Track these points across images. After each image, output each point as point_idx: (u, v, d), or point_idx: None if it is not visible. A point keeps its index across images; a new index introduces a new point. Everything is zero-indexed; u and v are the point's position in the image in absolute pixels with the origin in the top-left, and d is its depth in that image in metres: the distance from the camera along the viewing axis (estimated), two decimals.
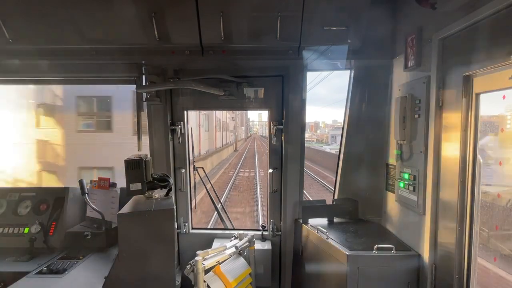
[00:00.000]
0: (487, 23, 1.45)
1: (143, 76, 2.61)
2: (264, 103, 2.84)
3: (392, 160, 2.36)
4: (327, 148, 33.61)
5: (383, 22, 2.37)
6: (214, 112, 22.44)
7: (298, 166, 2.79)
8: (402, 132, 2.11)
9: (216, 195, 3.94)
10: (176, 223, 2.89)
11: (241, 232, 2.68)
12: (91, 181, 2.71)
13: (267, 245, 2.85)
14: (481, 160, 1.62)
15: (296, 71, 2.65)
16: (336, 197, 2.94)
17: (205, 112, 19.47)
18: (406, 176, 2.15)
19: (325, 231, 2.35)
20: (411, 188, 2.08)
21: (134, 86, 2.64)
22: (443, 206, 1.81)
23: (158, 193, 2.18)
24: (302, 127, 2.75)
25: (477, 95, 1.60)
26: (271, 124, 2.83)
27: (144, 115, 2.78)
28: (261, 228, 3.00)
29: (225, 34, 2.18)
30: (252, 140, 65.66)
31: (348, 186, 2.86)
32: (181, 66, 2.71)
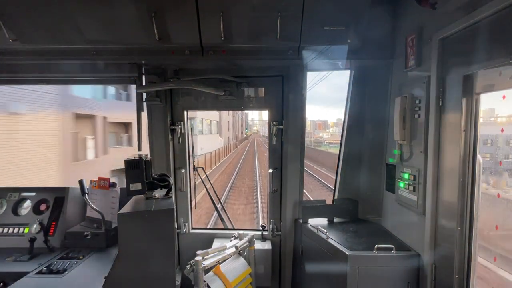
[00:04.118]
0: (487, 23, 1.45)
1: (143, 76, 2.61)
2: (264, 103, 2.84)
3: (392, 160, 2.36)
4: None
5: (383, 22, 2.37)
6: None
7: (298, 166, 2.79)
8: (402, 132, 2.11)
9: (216, 195, 3.94)
10: (176, 223, 2.89)
11: (241, 232, 2.68)
12: (91, 181, 2.71)
13: (267, 245, 2.85)
14: (481, 160, 1.62)
15: (296, 71, 2.65)
16: (336, 197, 2.94)
17: None
18: (406, 176, 2.15)
19: (325, 231, 2.36)
20: (411, 188, 2.08)
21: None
22: (443, 206, 1.81)
23: (158, 193, 2.18)
24: (302, 127, 2.75)
25: (477, 95, 1.60)
26: (271, 124, 2.83)
27: (144, 115, 2.78)
28: (261, 228, 3.00)
29: (225, 34, 2.18)
30: (251, 146, 43.35)
31: (348, 186, 2.86)
32: (181, 66, 2.71)
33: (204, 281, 2.22)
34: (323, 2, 2.05)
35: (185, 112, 2.91)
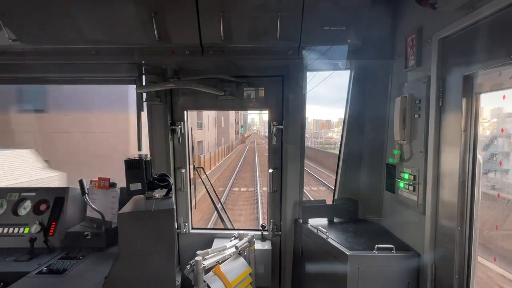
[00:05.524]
0: (487, 23, 1.45)
1: (143, 76, 2.61)
2: (264, 103, 2.84)
3: (392, 160, 2.37)
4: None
5: (383, 22, 2.37)
6: None
7: (298, 166, 2.79)
8: (402, 132, 2.12)
9: (216, 194, 3.94)
10: (176, 223, 2.89)
11: (241, 232, 2.68)
12: (91, 181, 2.71)
13: (267, 245, 2.85)
14: (481, 160, 1.62)
15: (296, 71, 2.65)
16: (336, 197, 2.94)
17: None
18: (406, 176, 2.15)
19: (325, 231, 2.36)
20: (411, 188, 2.08)
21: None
22: (443, 206, 1.81)
23: (158, 193, 2.18)
24: (302, 127, 2.75)
25: (477, 95, 1.60)
26: (271, 124, 2.83)
27: (144, 115, 2.78)
28: (261, 228, 3.00)
29: (225, 34, 2.18)
30: (246, 163, 22.33)
31: (348, 186, 2.86)
32: (181, 66, 2.71)
33: (204, 281, 2.22)
34: (323, 2, 2.05)
35: (185, 112, 2.91)
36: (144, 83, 2.61)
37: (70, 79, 3.01)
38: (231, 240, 2.61)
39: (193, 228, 3.11)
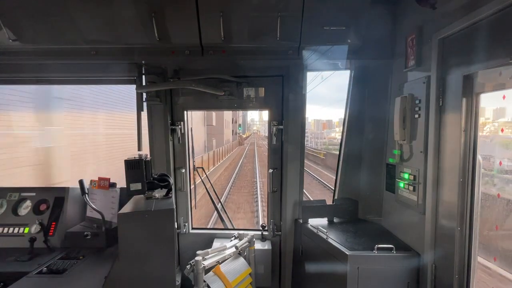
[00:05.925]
0: (487, 23, 1.45)
1: (143, 76, 2.61)
2: (264, 103, 2.84)
3: (392, 160, 2.36)
4: None
5: (383, 22, 2.37)
6: None
7: (298, 166, 2.79)
8: (402, 132, 2.11)
9: (216, 194, 3.94)
10: (176, 223, 2.89)
11: (241, 232, 2.68)
12: (91, 181, 2.71)
13: (267, 245, 2.85)
14: (481, 160, 1.62)
15: (296, 71, 2.65)
16: (336, 197, 2.94)
17: None
18: (406, 176, 2.15)
19: (325, 231, 2.36)
20: (411, 188, 2.08)
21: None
22: (443, 206, 1.81)
23: (158, 193, 2.18)
24: (302, 127, 2.75)
25: (477, 95, 1.60)
26: (271, 124, 2.83)
27: (144, 115, 2.78)
28: (261, 228, 3.00)
29: (225, 34, 2.18)
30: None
31: (348, 186, 2.86)
32: (181, 66, 2.71)
33: (204, 281, 2.22)
34: (323, 2, 2.05)
35: (185, 112, 2.92)
36: (144, 83, 2.61)
37: (70, 79, 3.01)
38: (231, 240, 2.61)
39: (193, 228, 3.11)
